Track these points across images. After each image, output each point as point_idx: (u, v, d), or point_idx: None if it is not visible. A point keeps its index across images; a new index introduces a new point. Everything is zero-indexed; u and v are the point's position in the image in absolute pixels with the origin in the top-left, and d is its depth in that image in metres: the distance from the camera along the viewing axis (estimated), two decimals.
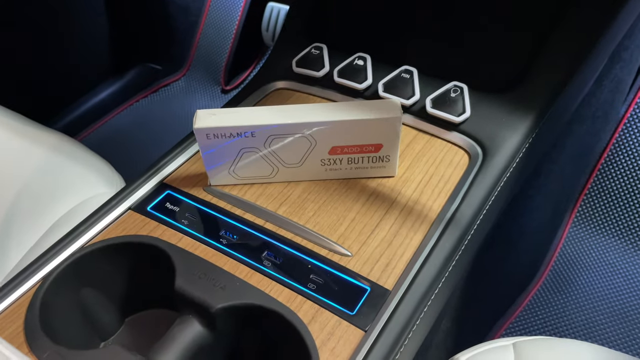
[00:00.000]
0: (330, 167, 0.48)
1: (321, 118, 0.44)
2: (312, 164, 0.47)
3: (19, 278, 0.42)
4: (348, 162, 0.47)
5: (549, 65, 0.54)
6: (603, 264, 0.85)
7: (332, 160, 0.47)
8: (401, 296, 0.40)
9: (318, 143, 0.46)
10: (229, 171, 0.47)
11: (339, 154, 0.46)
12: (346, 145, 0.46)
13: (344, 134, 0.45)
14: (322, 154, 0.47)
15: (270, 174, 0.48)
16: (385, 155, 0.47)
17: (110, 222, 0.46)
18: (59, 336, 0.40)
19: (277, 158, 0.47)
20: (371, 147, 0.46)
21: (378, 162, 0.47)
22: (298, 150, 0.46)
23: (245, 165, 0.47)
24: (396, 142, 0.46)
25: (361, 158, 0.47)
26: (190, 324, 0.40)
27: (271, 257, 0.43)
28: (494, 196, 0.48)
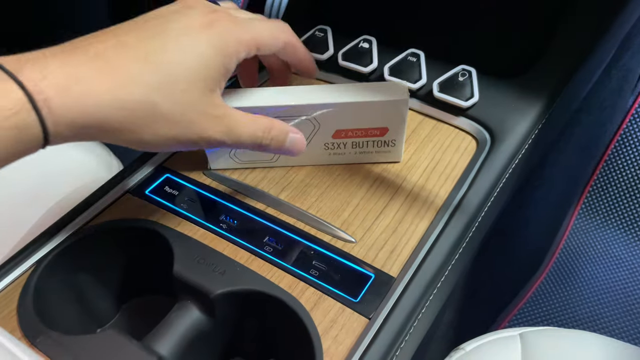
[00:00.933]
0: (334, 152, 0.46)
1: (326, 100, 0.42)
2: (315, 147, 0.45)
3: (13, 261, 0.41)
4: (352, 147, 0.46)
5: (560, 50, 0.52)
6: (608, 256, 0.84)
7: (335, 145, 0.45)
8: (406, 283, 0.39)
9: (322, 126, 0.44)
10: (229, 154, 0.46)
11: (343, 137, 0.45)
12: (351, 129, 0.44)
13: (349, 117, 0.44)
14: (325, 138, 0.45)
15: (272, 158, 0.46)
16: (391, 139, 0.45)
17: (107, 205, 0.45)
18: (53, 321, 0.39)
19: None
20: (376, 131, 0.45)
21: (383, 147, 0.46)
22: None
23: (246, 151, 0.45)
24: (402, 126, 0.45)
25: (366, 142, 0.45)
26: (189, 309, 0.39)
27: (272, 242, 0.42)
28: (501, 183, 0.47)
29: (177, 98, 0.33)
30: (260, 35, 0.37)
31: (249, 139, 0.37)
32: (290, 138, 0.39)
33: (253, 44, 0.37)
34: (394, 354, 0.36)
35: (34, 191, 0.56)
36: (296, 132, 0.40)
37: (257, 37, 0.37)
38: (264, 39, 0.38)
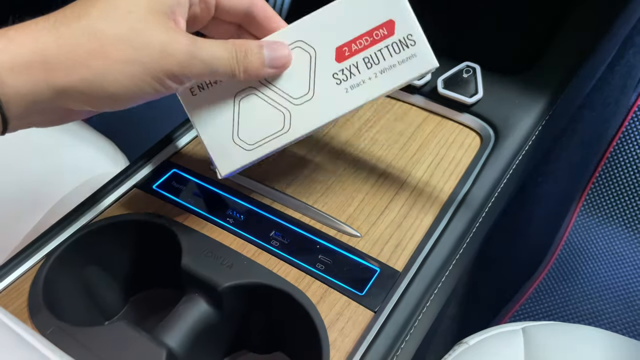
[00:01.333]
0: (350, 84, 0.37)
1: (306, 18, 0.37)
2: (325, 86, 0.37)
3: (23, 254, 0.42)
4: (368, 67, 0.36)
5: (563, 47, 0.53)
6: (610, 252, 0.84)
7: (347, 71, 0.36)
8: (411, 278, 0.39)
9: (317, 50, 0.36)
10: (233, 140, 0.37)
11: (349, 56, 0.36)
12: (352, 40, 0.36)
13: (340, 23, 0.36)
14: (329, 65, 0.36)
15: (284, 125, 0.37)
16: (405, 35, 0.36)
17: (115, 199, 0.46)
18: (62, 313, 0.39)
19: (280, 93, 0.37)
20: (383, 30, 0.36)
21: (404, 50, 0.36)
22: (299, 71, 0.37)
23: (249, 122, 0.37)
24: (405, 9, 0.36)
25: (379, 53, 0.36)
26: (197, 302, 0.39)
27: (279, 236, 0.42)
28: (505, 179, 0.47)
29: (122, 18, 0.30)
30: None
31: (223, 52, 0.33)
32: (267, 45, 0.35)
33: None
34: (399, 346, 0.37)
35: (43, 186, 0.56)
36: (270, 41, 0.35)
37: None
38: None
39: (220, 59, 0.33)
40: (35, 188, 0.56)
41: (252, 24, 0.37)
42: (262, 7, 0.36)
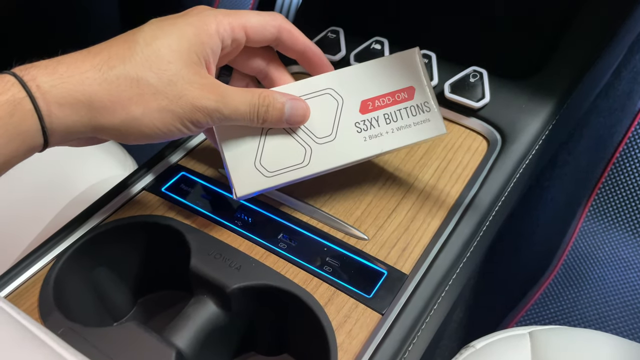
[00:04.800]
0: (369, 134, 0.41)
1: (340, 70, 0.41)
2: (346, 132, 0.40)
3: (33, 256, 0.42)
4: (387, 122, 0.41)
5: (570, 52, 0.53)
6: (616, 258, 0.84)
7: (367, 123, 0.41)
8: (418, 281, 0.39)
9: (345, 99, 0.41)
10: (254, 165, 0.40)
11: (371, 110, 0.41)
12: (376, 97, 0.41)
13: (368, 81, 0.41)
14: (353, 114, 0.41)
15: (304, 160, 0.40)
16: (422, 102, 0.42)
17: (124, 202, 0.46)
18: (73, 314, 0.40)
19: (306, 131, 0.40)
20: (404, 94, 0.41)
21: (419, 114, 0.42)
22: (326, 115, 0.40)
23: (272, 151, 0.40)
24: (424, 80, 0.42)
25: (399, 112, 0.41)
26: (205, 304, 0.39)
27: (286, 239, 0.42)
28: (512, 183, 0.48)
29: (163, 69, 0.34)
30: (247, 19, 0.38)
31: (246, 106, 0.36)
32: (289, 103, 0.38)
33: (238, 25, 0.37)
34: (406, 349, 0.37)
35: (53, 189, 0.57)
36: (295, 97, 0.39)
37: (242, 20, 0.37)
38: (251, 22, 0.38)
39: (242, 113, 0.37)
40: (46, 191, 0.57)
41: (280, 46, 0.41)
42: (288, 29, 0.40)
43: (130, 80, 0.33)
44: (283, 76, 0.42)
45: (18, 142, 0.31)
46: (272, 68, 0.42)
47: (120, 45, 0.34)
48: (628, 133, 0.85)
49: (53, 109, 0.31)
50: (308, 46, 0.41)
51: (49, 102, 0.31)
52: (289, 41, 0.40)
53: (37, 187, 0.57)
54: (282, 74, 0.42)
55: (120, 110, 0.33)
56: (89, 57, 0.33)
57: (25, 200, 0.56)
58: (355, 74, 0.41)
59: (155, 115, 0.34)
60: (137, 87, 0.33)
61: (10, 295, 0.40)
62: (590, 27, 0.54)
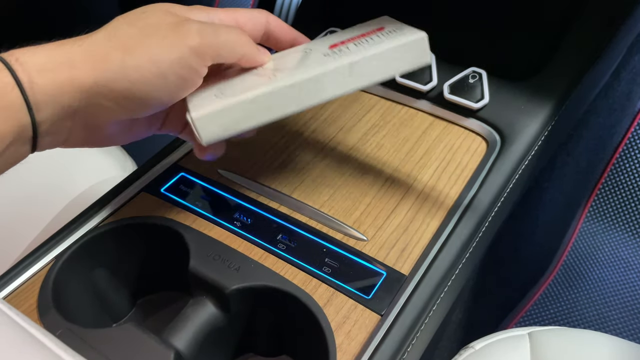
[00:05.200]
0: (338, 55, 0.36)
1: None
2: (314, 59, 0.37)
3: (32, 257, 0.42)
4: (356, 45, 0.37)
5: (569, 53, 0.53)
6: (616, 259, 0.84)
7: (337, 50, 0.37)
8: (417, 281, 0.39)
9: (313, 49, 0.38)
10: (215, 94, 0.36)
11: (340, 44, 0.38)
12: (345, 39, 0.39)
13: (340, 35, 0.40)
14: (322, 50, 0.38)
15: (269, 81, 0.36)
16: (393, 29, 0.38)
17: (123, 203, 0.46)
18: (71, 316, 0.40)
19: (272, 69, 0.37)
20: (374, 30, 0.39)
21: (392, 34, 0.38)
22: (294, 58, 0.38)
23: (236, 83, 0.37)
24: (398, 22, 0.40)
25: (369, 37, 0.38)
26: (204, 305, 0.39)
27: (285, 240, 0.42)
28: (511, 184, 0.48)
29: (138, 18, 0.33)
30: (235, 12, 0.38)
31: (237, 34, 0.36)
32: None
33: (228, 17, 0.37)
34: (405, 350, 0.37)
35: (53, 190, 0.57)
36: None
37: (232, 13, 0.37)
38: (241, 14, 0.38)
39: (233, 31, 0.35)
40: (44, 191, 0.57)
41: (270, 38, 0.40)
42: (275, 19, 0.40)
43: (108, 35, 0.32)
44: None
45: (2, 119, 0.29)
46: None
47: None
48: (627, 134, 0.85)
49: (34, 78, 0.30)
50: (298, 37, 0.41)
51: (29, 72, 0.30)
52: (279, 31, 0.40)
53: (36, 188, 0.57)
54: None
55: (102, 61, 0.31)
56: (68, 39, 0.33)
57: (25, 201, 0.56)
58: (326, 37, 0.40)
59: (139, 54, 0.31)
60: (115, 38, 0.32)
61: (9, 296, 0.40)
62: (590, 28, 0.54)
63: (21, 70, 0.30)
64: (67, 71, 0.31)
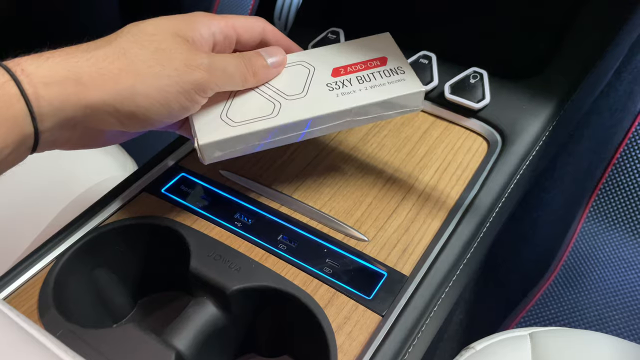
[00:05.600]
0: (341, 91, 0.39)
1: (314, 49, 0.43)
2: (317, 90, 0.39)
3: (33, 257, 0.42)
4: (359, 82, 0.40)
5: (570, 53, 0.53)
6: (617, 259, 0.84)
7: (340, 83, 0.40)
8: (419, 282, 0.39)
9: (316, 68, 0.41)
10: (220, 116, 0.38)
11: (343, 74, 0.40)
12: (348, 64, 0.41)
13: (341, 54, 0.42)
14: (325, 78, 0.40)
15: (272, 112, 0.38)
16: (396, 67, 0.41)
17: (124, 203, 0.46)
18: (72, 316, 0.40)
19: (276, 91, 0.39)
20: (376, 62, 0.41)
21: (393, 76, 0.40)
22: (297, 79, 0.40)
23: (240, 106, 0.38)
24: (399, 54, 0.42)
25: (372, 74, 0.40)
26: (205, 305, 0.39)
27: (286, 240, 0.42)
28: (512, 184, 0.47)
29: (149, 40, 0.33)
30: (234, 20, 0.39)
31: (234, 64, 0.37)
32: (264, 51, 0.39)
33: (227, 24, 0.38)
34: (406, 350, 0.37)
35: (53, 190, 0.57)
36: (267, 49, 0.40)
37: (230, 21, 0.38)
38: (239, 22, 0.39)
39: (233, 64, 0.37)
40: (46, 192, 0.57)
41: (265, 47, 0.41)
42: (271, 29, 0.41)
43: (117, 53, 0.32)
44: None
45: (6, 130, 0.29)
46: None
47: (108, 36, 0.34)
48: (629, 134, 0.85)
49: (40, 90, 0.30)
50: (292, 46, 0.42)
51: (35, 84, 0.30)
52: (274, 40, 0.41)
53: (37, 188, 0.57)
54: None
55: (111, 82, 0.32)
56: (76, 45, 0.33)
57: (26, 202, 0.56)
58: (327, 51, 0.42)
59: (149, 82, 0.32)
60: (124, 57, 0.32)
61: (10, 297, 0.40)
62: (592, 28, 0.54)
63: (27, 82, 0.30)
64: (74, 87, 0.31)
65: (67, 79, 0.31)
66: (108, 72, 0.32)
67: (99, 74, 0.31)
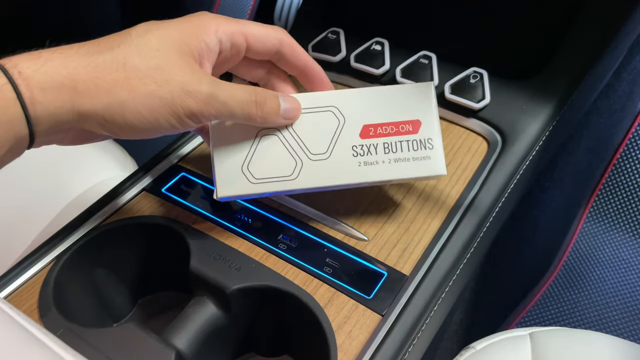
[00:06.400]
0: (364, 160, 0.39)
1: (348, 91, 0.40)
2: (342, 153, 0.39)
3: (33, 257, 0.42)
4: (385, 151, 0.39)
5: (570, 53, 0.53)
6: (617, 259, 0.84)
7: (365, 148, 0.39)
8: (419, 282, 0.39)
9: (347, 120, 0.39)
10: (241, 169, 0.38)
11: (372, 137, 0.39)
12: (380, 124, 0.39)
13: (375, 106, 0.39)
14: (352, 137, 0.39)
15: (293, 172, 0.39)
16: (426, 138, 0.40)
17: (124, 203, 0.46)
18: (72, 315, 0.40)
19: (300, 144, 0.39)
20: (408, 126, 0.40)
21: (421, 150, 0.40)
22: (324, 132, 0.39)
23: (262, 158, 0.38)
24: (434, 115, 0.40)
25: (399, 143, 0.39)
26: (205, 305, 0.39)
27: (286, 240, 0.42)
28: (512, 184, 0.48)
29: (151, 55, 0.32)
30: (248, 27, 0.37)
31: (243, 93, 0.35)
32: (283, 96, 0.37)
33: (238, 30, 0.36)
34: (406, 350, 0.37)
35: (53, 189, 0.57)
36: (287, 96, 0.38)
37: (244, 28, 0.37)
38: (252, 31, 0.37)
39: (239, 101, 0.34)
40: (46, 191, 0.57)
41: (281, 60, 0.40)
42: (289, 44, 0.39)
43: (116, 63, 0.31)
44: (286, 86, 0.41)
45: (2, 132, 0.29)
46: (274, 77, 0.41)
47: (112, 37, 0.33)
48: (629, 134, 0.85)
49: (36, 95, 0.30)
50: (309, 62, 0.40)
51: (32, 88, 0.30)
52: (290, 55, 0.39)
53: (37, 188, 0.57)
54: (285, 85, 0.42)
55: (105, 93, 0.31)
56: (77, 46, 0.32)
57: (26, 201, 0.56)
58: (363, 97, 0.40)
59: (141, 100, 0.32)
60: (123, 70, 0.31)
61: (10, 296, 0.40)
62: (591, 28, 0.54)
63: (24, 86, 0.30)
64: (69, 94, 0.31)
65: (64, 85, 0.30)
66: (104, 82, 0.31)
67: (94, 84, 0.31)
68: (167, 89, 0.32)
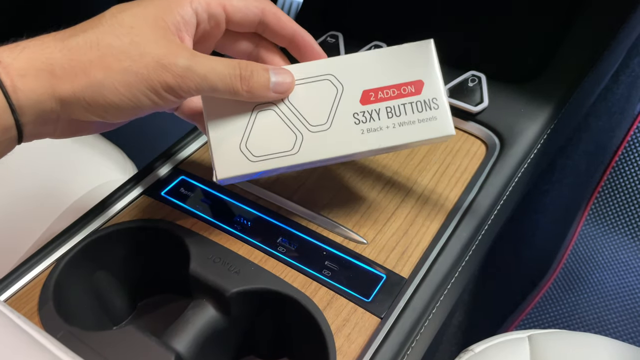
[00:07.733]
0: (367, 127, 0.37)
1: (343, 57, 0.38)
2: (343, 122, 0.37)
3: (33, 260, 0.42)
4: (388, 116, 0.37)
5: (568, 56, 0.53)
6: (616, 262, 0.84)
7: (367, 114, 0.37)
8: (417, 284, 0.40)
9: (345, 87, 0.37)
10: (239, 147, 0.36)
11: (373, 102, 0.37)
12: (380, 88, 0.37)
13: (374, 70, 0.37)
14: (353, 105, 0.37)
15: (293, 146, 0.37)
16: (430, 98, 0.37)
17: (124, 206, 0.46)
18: (72, 318, 0.40)
19: (299, 116, 0.37)
20: (410, 87, 0.37)
21: (426, 111, 0.37)
22: (322, 102, 0.37)
23: (261, 134, 0.36)
24: (437, 73, 0.38)
25: (402, 106, 0.37)
26: (205, 308, 0.39)
27: (285, 243, 0.42)
28: (511, 187, 0.48)
29: (125, 32, 0.31)
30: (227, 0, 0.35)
31: (225, 68, 0.33)
32: (273, 69, 0.35)
33: (215, 1, 0.35)
34: (405, 353, 0.37)
35: (53, 192, 0.57)
36: (278, 68, 0.36)
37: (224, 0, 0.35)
38: (231, 1, 0.35)
39: (220, 74, 0.33)
40: (45, 194, 0.57)
41: (266, 31, 0.38)
42: (273, 12, 0.37)
43: (90, 43, 0.31)
44: (275, 58, 0.39)
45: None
46: (262, 50, 0.39)
47: (87, 21, 0.33)
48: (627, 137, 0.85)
49: (17, 82, 0.29)
50: (298, 31, 0.38)
51: (12, 76, 0.29)
52: (276, 24, 0.37)
53: (36, 190, 0.57)
54: (274, 56, 0.39)
55: (82, 74, 0.31)
56: (54, 33, 0.32)
57: (25, 204, 0.56)
58: (360, 61, 0.37)
59: (117, 77, 0.31)
60: (97, 49, 0.31)
61: (10, 299, 0.40)
62: (589, 31, 0.54)
63: (4, 74, 0.29)
64: (47, 79, 0.30)
65: (42, 70, 0.30)
66: (79, 64, 0.31)
67: (70, 66, 0.31)
68: (142, 64, 0.31)
